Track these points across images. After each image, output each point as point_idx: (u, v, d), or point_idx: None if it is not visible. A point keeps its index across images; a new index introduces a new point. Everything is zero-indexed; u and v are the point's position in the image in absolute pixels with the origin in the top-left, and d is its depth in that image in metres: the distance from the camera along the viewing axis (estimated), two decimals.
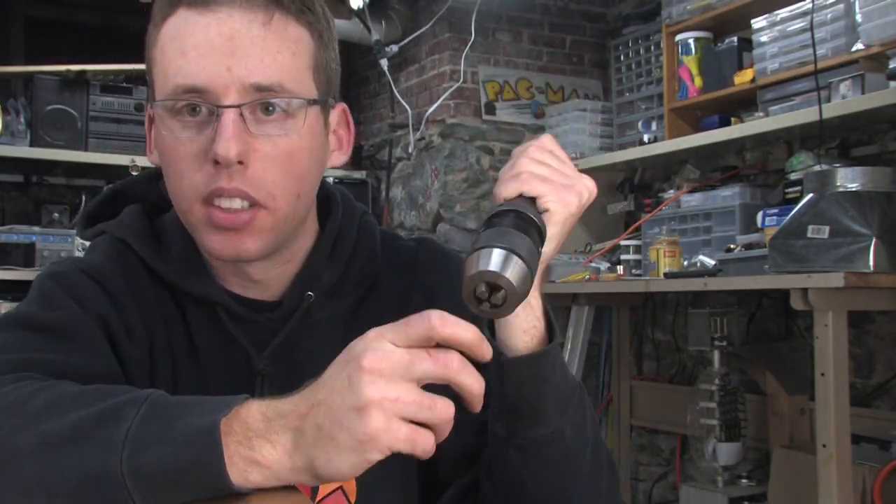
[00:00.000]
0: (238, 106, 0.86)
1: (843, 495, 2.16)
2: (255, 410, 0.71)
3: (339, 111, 0.99)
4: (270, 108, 0.88)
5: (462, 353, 0.70)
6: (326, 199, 1.03)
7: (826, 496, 2.17)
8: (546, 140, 0.85)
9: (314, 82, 0.92)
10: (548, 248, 0.81)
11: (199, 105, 0.86)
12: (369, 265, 1.02)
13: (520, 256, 0.71)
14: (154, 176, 1.04)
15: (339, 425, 0.68)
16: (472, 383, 0.70)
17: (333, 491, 0.96)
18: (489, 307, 0.71)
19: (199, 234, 0.90)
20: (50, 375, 0.80)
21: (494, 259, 0.71)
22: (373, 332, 0.70)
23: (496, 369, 0.84)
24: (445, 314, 0.70)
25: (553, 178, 0.82)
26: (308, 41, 0.91)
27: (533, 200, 0.81)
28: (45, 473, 0.71)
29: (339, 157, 0.99)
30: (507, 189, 0.81)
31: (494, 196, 0.82)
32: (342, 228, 1.01)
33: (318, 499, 0.96)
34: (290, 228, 0.94)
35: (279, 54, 0.87)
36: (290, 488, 0.81)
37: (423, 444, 0.68)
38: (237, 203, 0.87)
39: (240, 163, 0.86)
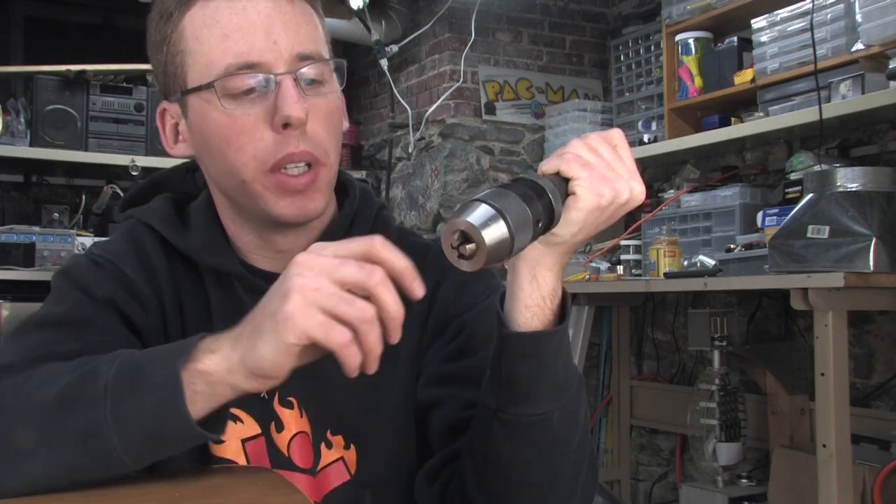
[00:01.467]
0: (292, 73, 0.92)
1: (843, 495, 2.16)
2: (209, 338, 0.78)
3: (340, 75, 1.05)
4: (310, 76, 0.94)
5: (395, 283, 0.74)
6: (343, 184, 1.08)
7: (826, 496, 2.18)
8: (614, 133, 0.84)
9: (329, 50, 1.00)
10: (564, 231, 0.81)
11: (253, 85, 0.92)
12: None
13: (505, 220, 0.72)
14: (191, 167, 1.09)
15: (264, 312, 0.75)
16: (389, 300, 0.73)
17: (334, 461, 0.99)
18: (457, 255, 0.73)
19: (265, 201, 0.95)
20: None
21: (478, 213, 0.72)
22: (318, 243, 0.76)
23: (497, 340, 0.85)
24: (388, 242, 0.74)
25: (596, 166, 0.80)
26: (316, 15, 0.99)
27: (566, 182, 0.80)
28: (47, 437, 0.78)
29: (344, 121, 1.04)
30: (549, 164, 0.81)
31: (540, 170, 0.82)
32: (357, 214, 1.06)
33: (319, 467, 0.98)
34: (334, 184, 1.01)
35: (308, 26, 0.96)
36: (290, 488, 0.81)
37: (338, 336, 0.72)
38: (302, 165, 0.94)
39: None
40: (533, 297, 0.84)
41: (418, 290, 0.74)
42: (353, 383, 0.95)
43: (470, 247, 0.72)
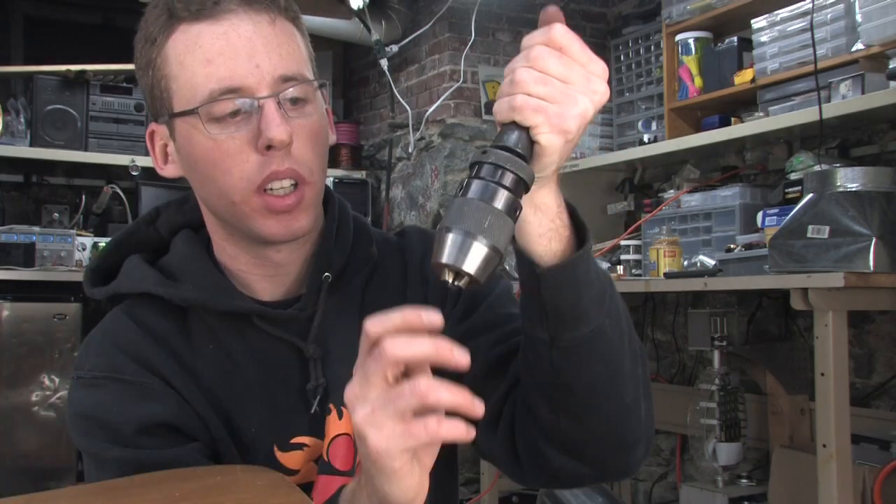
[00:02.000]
0: (275, 96, 0.94)
1: (843, 495, 2.16)
2: (346, 491, 0.82)
3: (323, 93, 1.06)
4: (293, 97, 0.96)
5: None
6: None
7: (826, 496, 2.18)
8: (557, 33, 0.76)
9: (312, 69, 1.01)
10: (544, 171, 0.79)
11: (238, 108, 0.93)
12: (368, 249, 1.10)
13: (477, 238, 0.71)
14: (150, 220, 1.11)
15: (363, 457, 0.75)
16: (446, 399, 0.71)
17: (339, 435, 1.01)
18: (456, 287, 0.73)
19: (254, 221, 0.97)
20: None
21: (448, 246, 0.72)
22: (348, 393, 0.75)
23: (531, 278, 0.84)
24: (395, 342, 0.72)
25: (552, 100, 0.75)
26: (298, 35, 1.00)
27: (527, 130, 0.76)
28: None
29: (331, 135, 1.05)
30: (501, 113, 0.77)
31: (494, 112, 0.79)
32: (341, 218, 1.09)
33: (326, 441, 1.01)
34: (321, 201, 1.03)
35: (290, 47, 0.96)
36: (289, 488, 0.81)
37: (425, 430, 0.71)
38: (287, 184, 0.95)
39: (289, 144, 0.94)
40: (543, 224, 0.83)
41: (462, 359, 0.73)
42: None
43: (462, 282, 0.72)
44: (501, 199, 0.73)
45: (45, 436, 3.23)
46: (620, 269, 3.25)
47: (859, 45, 2.66)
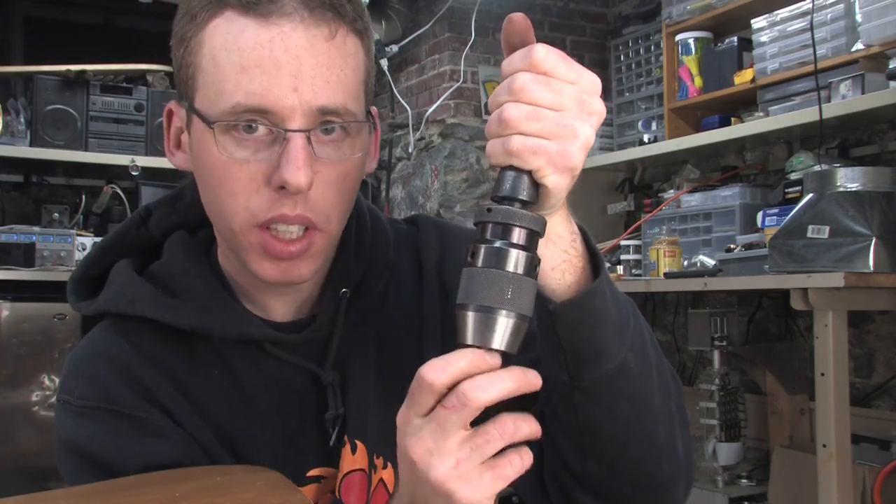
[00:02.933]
0: (306, 131, 0.81)
1: (843, 495, 2.16)
2: None
3: (374, 114, 0.92)
4: (331, 129, 0.83)
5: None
6: None
7: (826, 496, 2.17)
8: (538, 56, 0.69)
9: (364, 95, 0.87)
10: (552, 207, 0.73)
11: (257, 123, 0.81)
12: (386, 252, 1.00)
13: (501, 312, 0.67)
14: (141, 221, 1.00)
15: None
16: (525, 431, 0.69)
17: (376, 485, 0.94)
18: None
19: (250, 258, 0.86)
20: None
21: (472, 331, 0.68)
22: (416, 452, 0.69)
23: (545, 315, 0.77)
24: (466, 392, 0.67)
25: (549, 136, 0.68)
26: (361, 54, 0.86)
27: (528, 173, 0.70)
28: None
29: (371, 164, 0.93)
30: (496, 157, 0.70)
31: (487, 154, 0.72)
32: (358, 219, 0.98)
33: (339, 477, 0.93)
34: (334, 247, 0.92)
35: (342, 72, 0.83)
36: (289, 487, 0.81)
37: (515, 464, 0.68)
38: (294, 229, 0.84)
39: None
40: (555, 256, 0.75)
41: (538, 380, 0.69)
42: (385, 402, 0.92)
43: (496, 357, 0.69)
44: (517, 262, 0.68)
45: (45, 436, 3.22)
46: (620, 269, 3.25)
47: (859, 45, 2.66)
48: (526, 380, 0.68)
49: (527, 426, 0.69)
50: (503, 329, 0.68)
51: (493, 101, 0.71)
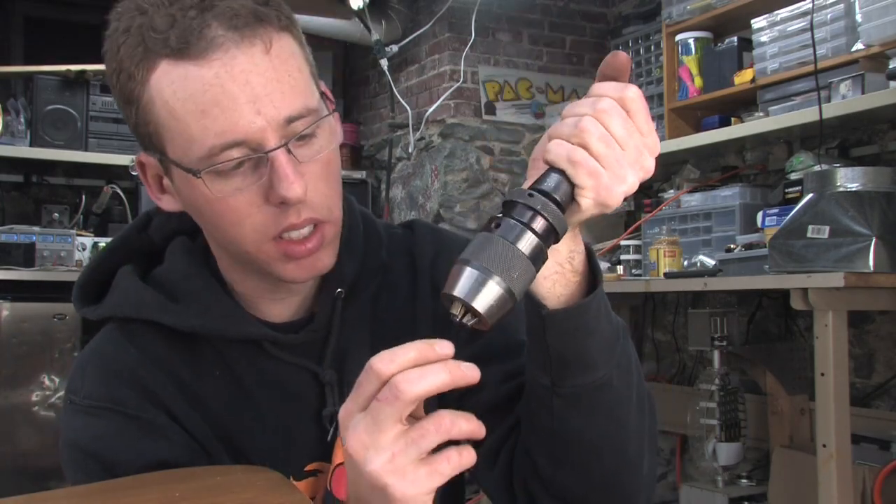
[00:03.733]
0: (284, 145, 0.83)
1: (843, 495, 2.16)
2: None
3: (327, 92, 0.97)
4: (304, 134, 0.86)
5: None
6: None
7: (826, 496, 2.17)
8: (630, 94, 0.74)
9: (314, 84, 0.90)
10: (575, 220, 0.76)
11: (243, 161, 0.83)
12: (379, 254, 1.03)
13: (494, 278, 0.68)
14: (142, 226, 1.02)
15: None
16: (468, 431, 0.69)
17: (342, 463, 0.95)
18: (461, 325, 0.70)
19: (273, 267, 0.89)
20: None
21: (463, 280, 0.68)
22: (351, 417, 0.70)
23: (536, 320, 0.80)
24: (404, 380, 0.67)
25: (607, 165, 0.73)
26: (297, 48, 0.88)
27: (571, 184, 0.73)
28: None
29: (338, 137, 0.97)
30: (555, 156, 0.73)
31: (537, 152, 0.76)
32: (350, 221, 1.00)
33: (330, 469, 0.96)
34: (340, 231, 0.95)
35: (290, 77, 0.84)
36: (289, 487, 0.81)
37: (453, 460, 0.68)
38: (305, 230, 0.87)
39: None
40: (548, 266, 0.77)
41: (474, 374, 0.70)
42: None
43: (470, 321, 0.69)
44: (528, 244, 0.70)
45: (45, 436, 3.22)
46: (620, 269, 3.25)
47: (859, 45, 2.66)
48: (461, 373, 0.68)
49: (466, 423, 0.69)
50: (493, 295, 0.68)
51: (573, 109, 0.75)
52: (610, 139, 0.73)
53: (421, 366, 0.68)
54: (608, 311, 0.82)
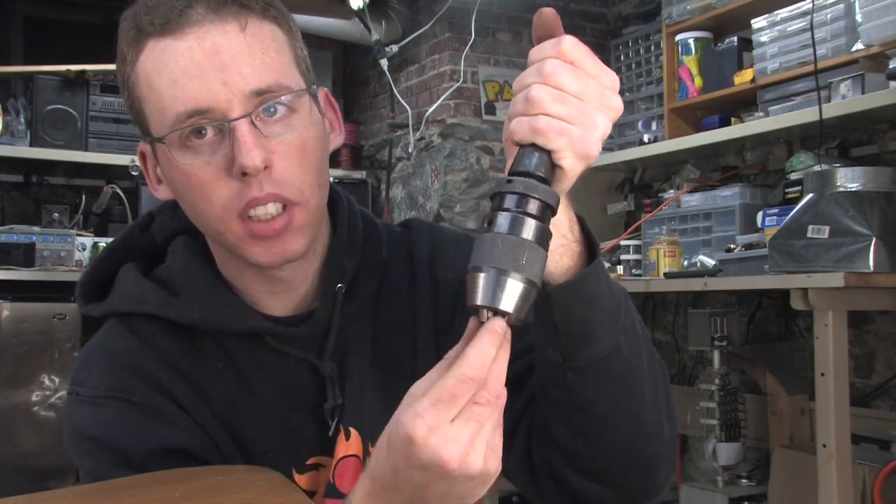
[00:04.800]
0: (247, 115, 0.85)
1: (843, 495, 2.16)
2: None
3: (323, 95, 0.99)
4: (273, 109, 0.88)
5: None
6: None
7: (826, 496, 2.18)
8: (567, 46, 0.72)
9: (300, 74, 0.92)
10: (566, 185, 0.76)
11: (204, 127, 0.86)
12: (379, 251, 1.04)
13: (512, 275, 0.69)
14: (144, 226, 1.04)
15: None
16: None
17: (347, 457, 0.96)
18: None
19: (242, 248, 0.90)
20: None
21: (483, 290, 0.69)
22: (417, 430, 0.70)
23: (541, 296, 0.79)
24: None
25: (572, 121, 0.72)
26: (282, 36, 0.91)
27: (547, 152, 0.73)
28: None
29: (336, 138, 0.99)
30: (521, 133, 0.72)
31: (505, 136, 0.75)
32: (350, 219, 1.02)
33: (333, 463, 0.96)
34: (320, 218, 0.95)
35: (265, 55, 0.87)
36: (289, 487, 0.81)
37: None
38: (272, 208, 0.88)
39: (265, 168, 0.87)
40: (554, 240, 0.77)
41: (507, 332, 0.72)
42: (381, 392, 0.97)
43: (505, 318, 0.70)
44: (531, 230, 0.70)
45: (45, 436, 3.22)
46: (620, 269, 3.25)
47: (859, 45, 2.66)
48: (507, 342, 0.71)
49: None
50: (514, 292, 0.69)
51: (519, 83, 0.74)
52: (565, 97, 0.72)
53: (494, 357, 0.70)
54: (608, 281, 0.83)
